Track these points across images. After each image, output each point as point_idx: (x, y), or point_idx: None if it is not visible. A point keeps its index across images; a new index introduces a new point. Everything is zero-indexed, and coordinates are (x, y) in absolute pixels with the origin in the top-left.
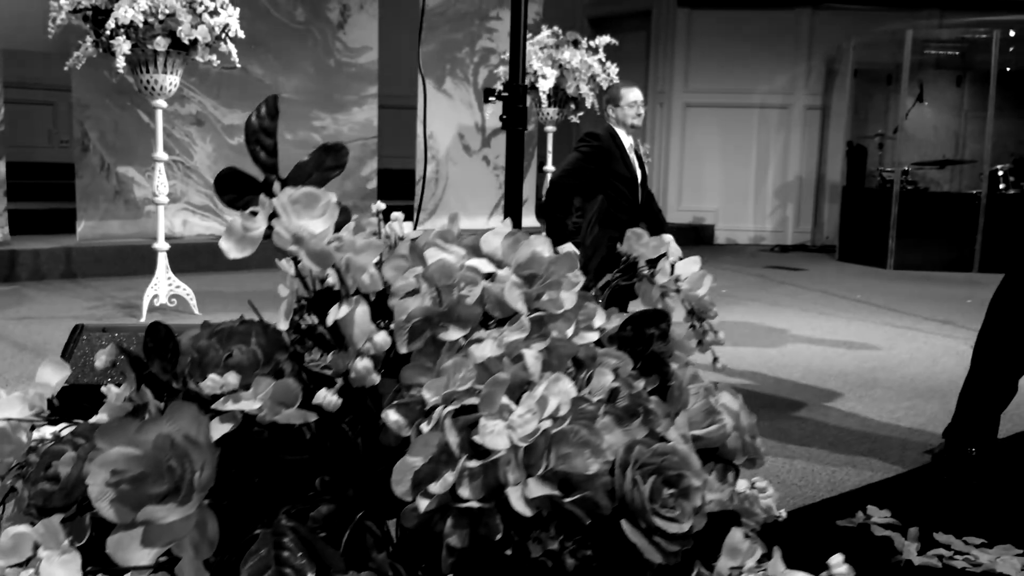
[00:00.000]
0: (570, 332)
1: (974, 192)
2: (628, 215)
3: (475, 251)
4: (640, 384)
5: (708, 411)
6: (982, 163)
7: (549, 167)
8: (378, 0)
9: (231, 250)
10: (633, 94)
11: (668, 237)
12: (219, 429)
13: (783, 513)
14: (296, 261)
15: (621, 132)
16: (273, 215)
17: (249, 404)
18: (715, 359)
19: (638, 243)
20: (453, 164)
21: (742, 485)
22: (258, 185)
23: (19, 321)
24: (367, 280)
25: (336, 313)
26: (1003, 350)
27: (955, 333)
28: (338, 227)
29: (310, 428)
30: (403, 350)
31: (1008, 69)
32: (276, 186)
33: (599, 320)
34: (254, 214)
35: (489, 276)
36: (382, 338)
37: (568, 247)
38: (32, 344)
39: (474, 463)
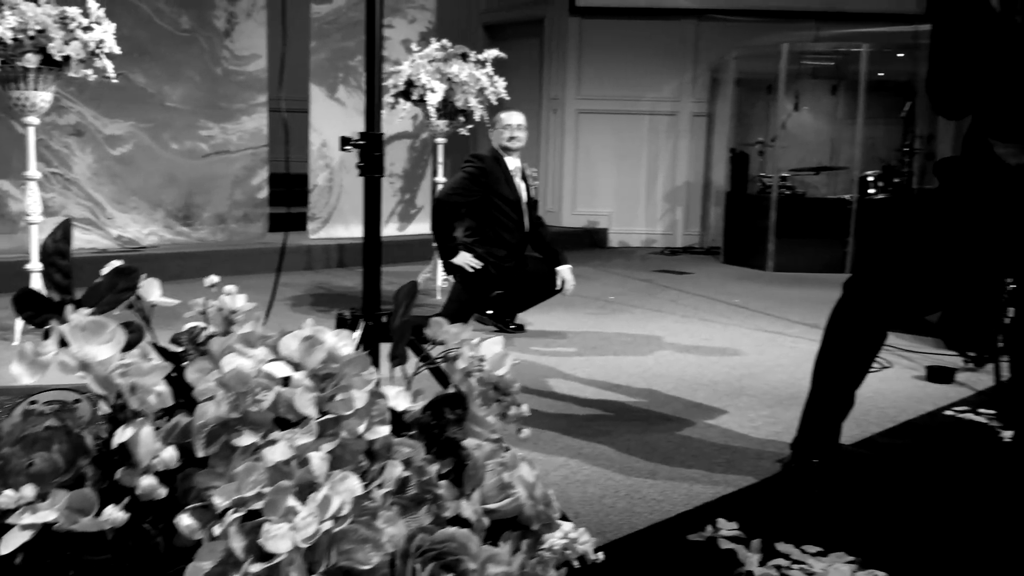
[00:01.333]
0: (362, 428)
1: (846, 197)
2: (513, 236)
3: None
4: (434, 468)
5: (502, 486)
6: (853, 169)
7: (440, 178)
8: (266, 8)
9: (23, 374)
10: (509, 118)
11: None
12: (16, 539)
13: (600, 556)
14: None
15: (506, 154)
16: (63, 342)
17: (45, 516)
18: (519, 430)
19: (440, 331)
20: (347, 172)
21: (558, 535)
22: (53, 306)
23: None
24: (153, 401)
25: (121, 435)
26: (841, 362)
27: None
28: (132, 345)
29: (113, 528)
30: (200, 454)
31: (880, 74)
32: (68, 309)
33: (403, 404)
34: (47, 335)
35: (286, 379)
36: (168, 455)
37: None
38: None
39: (258, 567)
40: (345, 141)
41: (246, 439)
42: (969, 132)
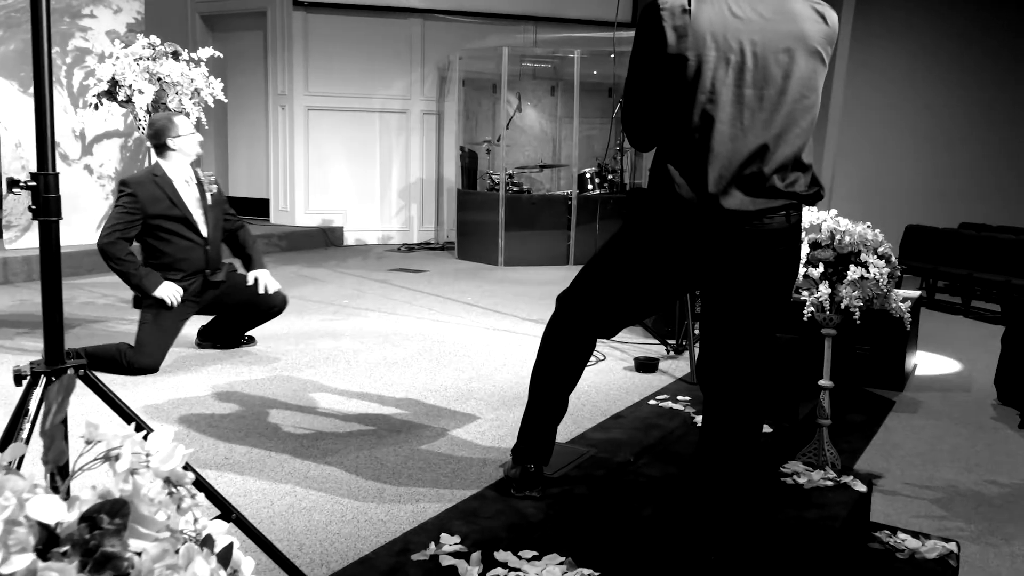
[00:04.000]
0: None
1: (567, 193)
2: (191, 254)
3: None
4: None
5: None
6: (572, 167)
7: None
8: None
9: None
10: (177, 123)
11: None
12: None
13: None
14: None
15: (172, 166)
16: None
17: None
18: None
19: (96, 432)
20: None
21: None
22: None
23: None
24: None
25: None
26: (555, 371)
27: None
28: None
29: None
30: None
31: (595, 74)
32: None
33: (55, 516)
34: None
35: None
36: None
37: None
38: None
39: None
40: (13, 184)
41: None
42: (653, 164)
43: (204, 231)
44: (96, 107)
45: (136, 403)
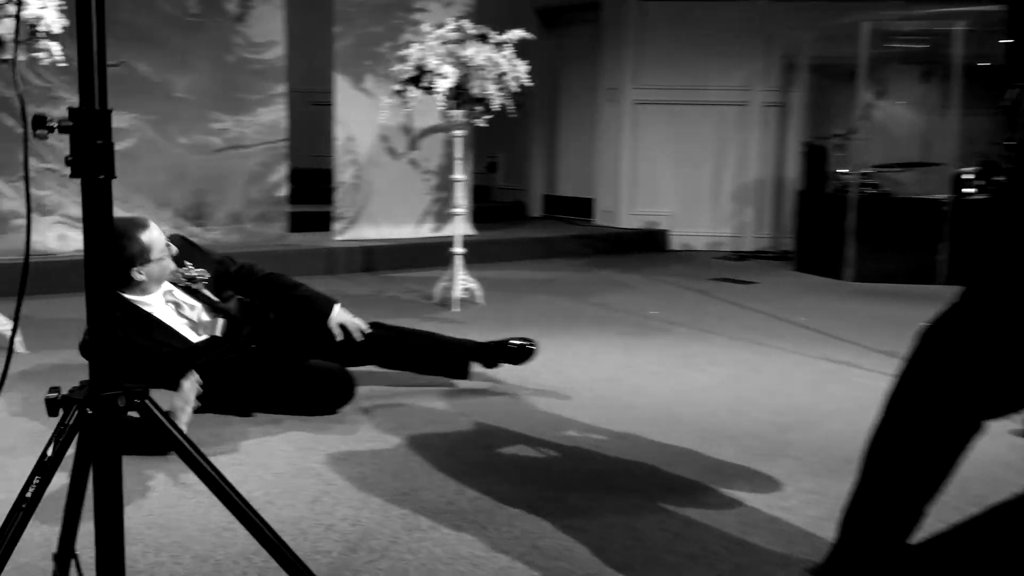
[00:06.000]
0: None
1: (940, 197)
2: (205, 355)
3: None
4: None
5: None
6: (948, 165)
7: (458, 176)
8: None
9: None
10: (148, 237)
11: None
12: None
13: None
14: None
15: (151, 292)
16: None
17: None
18: None
19: None
20: (376, 168)
21: None
22: None
23: None
24: None
25: None
26: (911, 457)
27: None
28: None
29: None
30: None
31: (980, 57)
32: None
33: None
34: None
35: None
36: None
37: None
38: None
39: None
40: (40, 122)
41: None
42: None
43: (216, 324)
44: (402, 94)
45: (360, 430)
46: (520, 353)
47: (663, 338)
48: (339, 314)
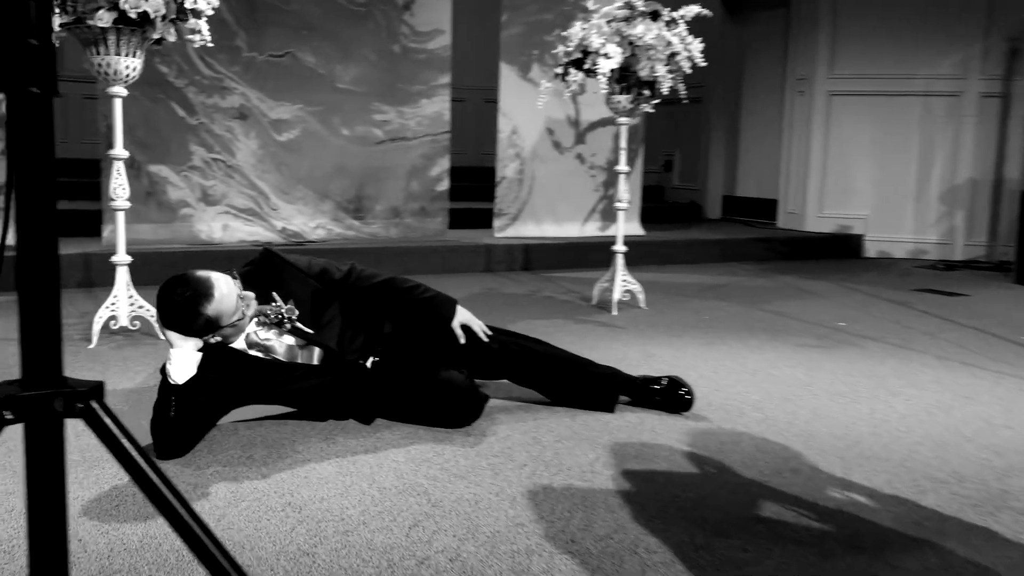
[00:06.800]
0: None
1: None
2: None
3: None
4: None
5: None
6: None
7: (622, 167)
8: None
9: None
10: (222, 292)
11: None
12: None
13: None
14: None
15: (233, 342)
16: None
17: None
18: None
19: None
20: (541, 163)
21: None
22: None
23: None
24: None
25: None
26: None
27: None
28: None
29: None
30: None
31: None
32: None
33: None
34: None
35: None
36: None
37: None
38: None
39: None
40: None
41: None
42: None
43: (313, 350)
44: (563, 78)
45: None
46: (677, 403)
47: (851, 353)
48: (461, 314)
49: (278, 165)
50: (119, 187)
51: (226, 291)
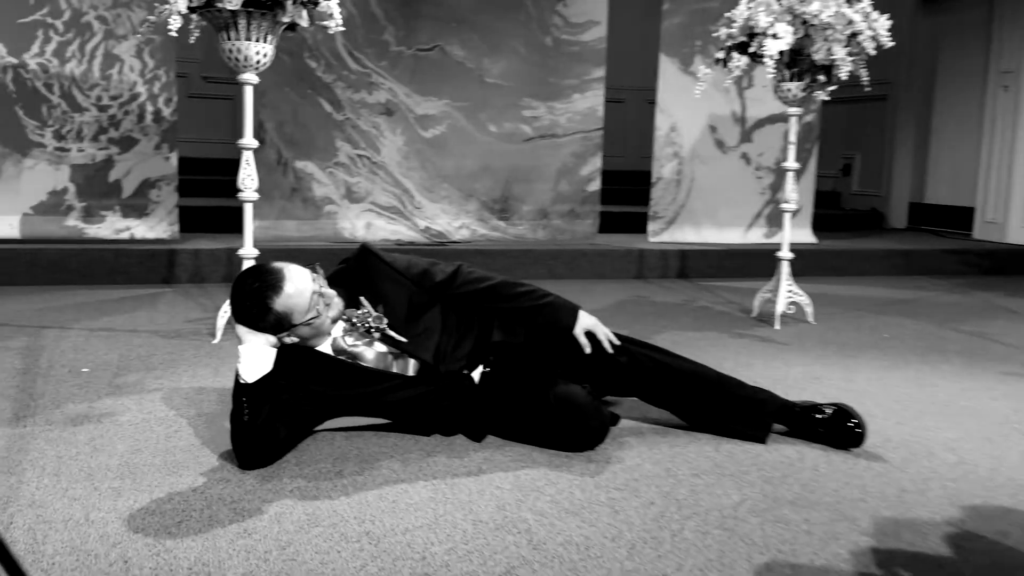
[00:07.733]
0: None
1: None
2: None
3: None
4: None
5: None
6: None
7: (790, 164)
8: None
9: None
10: (297, 285)
11: None
12: None
13: None
14: None
15: (318, 345)
16: None
17: None
18: None
19: None
20: (701, 163)
21: None
22: None
23: (93, 333)
24: None
25: None
26: None
27: None
28: None
29: None
30: None
31: None
32: None
33: None
34: None
35: None
36: None
37: None
38: (82, 364)
39: None
40: None
41: None
42: None
43: (411, 365)
44: (724, 63)
45: None
46: (845, 437)
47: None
48: (584, 320)
49: (423, 162)
50: (248, 177)
51: (300, 286)
